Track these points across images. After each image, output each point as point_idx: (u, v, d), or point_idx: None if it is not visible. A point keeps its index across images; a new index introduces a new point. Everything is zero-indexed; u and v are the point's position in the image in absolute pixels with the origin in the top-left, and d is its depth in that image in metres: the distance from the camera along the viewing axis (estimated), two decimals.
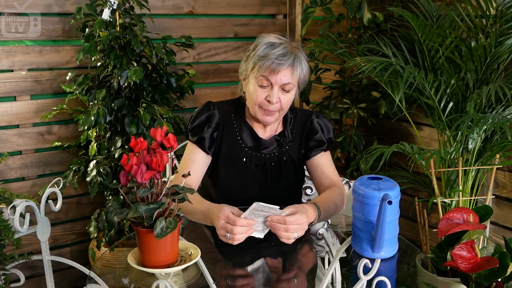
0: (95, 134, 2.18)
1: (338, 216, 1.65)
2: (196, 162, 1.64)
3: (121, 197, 2.13)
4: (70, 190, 2.42)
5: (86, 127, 2.08)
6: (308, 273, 1.34)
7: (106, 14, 2.13)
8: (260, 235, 1.32)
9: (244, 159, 1.65)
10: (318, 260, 1.35)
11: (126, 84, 2.08)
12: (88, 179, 2.12)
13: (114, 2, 2.13)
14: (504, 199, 2.13)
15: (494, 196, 2.13)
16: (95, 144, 2.19)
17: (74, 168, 2.22)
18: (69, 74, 2.25)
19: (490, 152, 1.97)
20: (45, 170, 2.39)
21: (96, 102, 2.12)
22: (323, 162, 1.68)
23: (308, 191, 1.95)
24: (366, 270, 1.17)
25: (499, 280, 1.45)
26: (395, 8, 2.11)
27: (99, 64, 2.22)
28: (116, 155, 2.14)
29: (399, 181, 2.10)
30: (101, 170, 2.11)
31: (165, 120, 2.15)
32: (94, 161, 2.15)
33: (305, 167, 1.76)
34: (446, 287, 1.75)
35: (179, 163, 2.22)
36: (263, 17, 2.83)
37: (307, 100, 2.63)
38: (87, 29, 2.15)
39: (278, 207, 1.33)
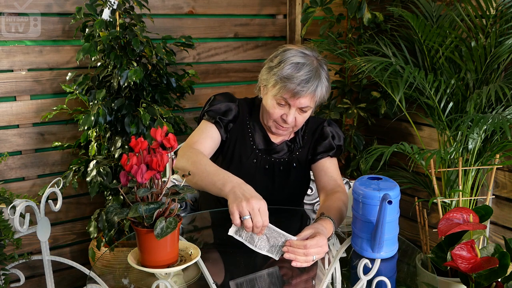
0: (95, 134, 2.18)
1: None
2: (212, 139, 1.61)
3: (121, 197, 2.12)
4: (70, 190, 2.42)
5: (86, 127, 2.08)
6: (308, 273, 1.33)
7: (106, 14, 2.13)
8: (260, 252, 1.31)
9: (255, 161, 1.66)
10: (318, 260, 1.34)
11: (126, 84, 2.08)
12: (88, 179, 2.12)
13: (114, 2, 2.13)
14: (504, 199, 2.13)
15: (494, 196, 2.13)
16: (95, 144, 2.19)
17: (74, 168, 2.22)
18: (69, 74, 2.25)
19: (490, 152, 1.97)
20: (45, 170, 2.39)
21: (96, 102, 2.12)
22: (328, 166, 1.66)
23: (308, 191, 1.95)
24: (366, 270, 1.17)
25: (499, 280, 1.45)
26: (395, 8, 2.11)
27: (99, 64, 2.22)
28: (116, 155, 2.15)
29: (399, 181, 2.11)
30: (101, 170, 2.11)
31: (165, 120, 2.15)
32: (94, 161, 2.15)
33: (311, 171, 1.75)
34: (446, 287, 1.75)
35: None
36: (263, 17, 2.83)
37: None
38: (87, 29, 2.15)
39: (293, 237, 1.30)
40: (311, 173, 1.74)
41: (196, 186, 1.45)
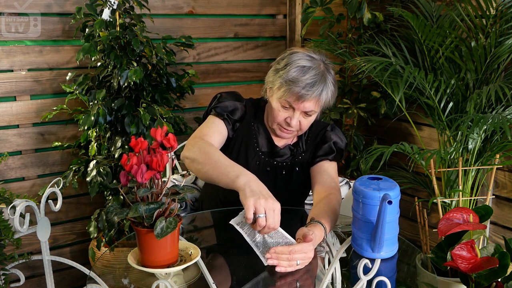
0: (95, 134, 2.18)
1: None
2: (221, 134, 1.60)
3: (121, 197, 2.12)
4: (70, 190, 2.42)
5: (86, 127, 2.08)
6: (308, 273, 1.33)
7: (106, 14, 2.13)
8: (255, 249, 1.30)
9: (257, 163, 1.65)
10: (318, 260, 1.34)
11: (126, 84, 2.08)
12: (88, 179, 2.12)
13: (114, 2, 2.13)
14: (504, 199, 2.13)
15: (494, 196, 2.13)
16: (95, 144, 2.19)
17: (74, 168, 2.22)
18: (69, 74, 2.25)
19: (490, 152, 1.97)
20: (45, 170, 2.39)
21: (96, 102, 2.12)
22: (326, 168, 1.64)
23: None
24: (366, 270, 1.17)
25: (499, 280, 1.45)
26: (395, 8, 2.11)
27: (99, 64, 2.22)
28: (116, 155, 2.15)
29: (399, 181, 2.11)
30: (101, 170, 2.11)
31: (165, 120, 2.15)
32: (94, 161, 2.15)
33: None
34: (446, 287, 1.75)
35: (179, 163, 2.23)
36: (263, 17, 2.83)
37: None
38: (87, 29, 2.15)
39: (295, 241, 1.29)
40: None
41: (205, 176, 1.42)
